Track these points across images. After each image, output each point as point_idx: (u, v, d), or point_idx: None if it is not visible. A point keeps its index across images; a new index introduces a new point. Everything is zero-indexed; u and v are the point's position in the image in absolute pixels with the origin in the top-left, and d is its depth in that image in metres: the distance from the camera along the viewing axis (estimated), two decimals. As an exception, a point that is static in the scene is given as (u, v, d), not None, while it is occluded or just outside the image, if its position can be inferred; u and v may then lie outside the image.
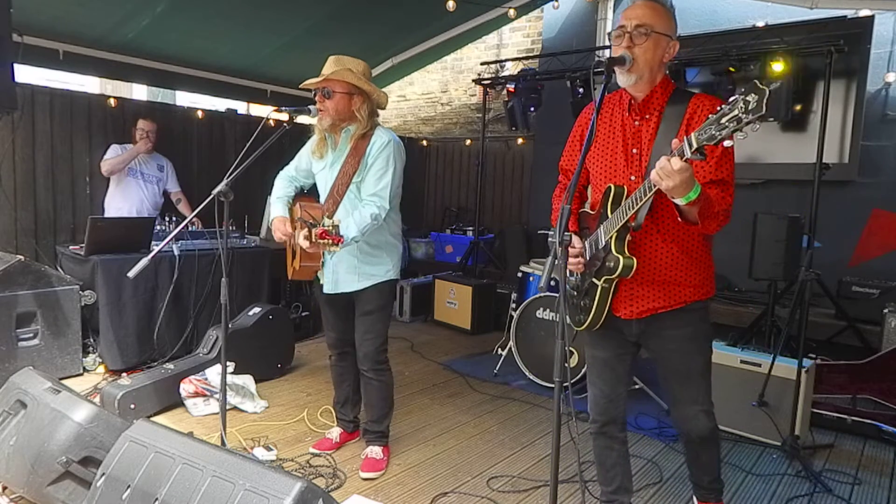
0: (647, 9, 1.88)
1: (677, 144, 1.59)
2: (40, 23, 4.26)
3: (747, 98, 1.43)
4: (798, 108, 4.61)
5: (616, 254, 1.87)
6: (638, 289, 1.96)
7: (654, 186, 1.66)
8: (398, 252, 2.80)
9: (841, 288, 4.48)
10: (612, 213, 1.89)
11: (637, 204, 1.78)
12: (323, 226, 2.30)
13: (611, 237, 1.88)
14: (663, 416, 3.52)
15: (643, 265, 1.91)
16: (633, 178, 1.94)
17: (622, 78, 1.89)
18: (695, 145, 1.54)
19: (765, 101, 1.40)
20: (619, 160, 1.97)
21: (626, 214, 1.82)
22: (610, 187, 1.92)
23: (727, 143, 1.49)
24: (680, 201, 1.65)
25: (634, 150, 1.94)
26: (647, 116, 1.93)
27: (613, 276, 1.89)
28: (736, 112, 1.45)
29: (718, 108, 1.50)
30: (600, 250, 1.94)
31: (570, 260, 1.99)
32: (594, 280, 1.97)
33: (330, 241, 2.29)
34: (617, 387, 2.13)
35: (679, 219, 1.78)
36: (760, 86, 1.42)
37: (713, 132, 1.50)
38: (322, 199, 2.73)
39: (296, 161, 2.86)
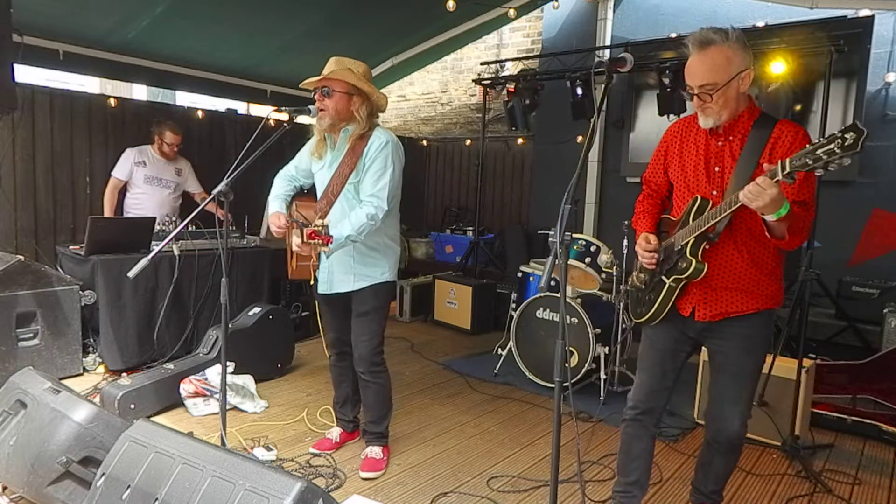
0: (704, 64, 1.88)
1: (769, 167, 1.68)
2: (40, 23, 4.26)
3: (845, 135, 1.53)
4: (798, 108, 4.62)
5: (690, 256, 1.96)
6: (712, 293, 2.02)
7: (738, 203, 1.76)
8: (395, 254, 2.79)
9: (841, 288, 4.48)
10: (693, 220, 1.97)
11: (720, 215, 1.88)
12: (314, 226, 2.31)
13: (688, 242, 1.97)
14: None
15: (718, 272, 1.99)
16: (714, 192, 2.01)
17: (701, 120, 1.97)
18: (787, 169, 1.63)
19: (861, 140, 1.50)
20: (700, 176, 2.04)
21: (708, 222, 1.91)
22: (696, 198, 2.01)
23: (818, 172, 1.61)
24: (771, 217, 1.74)
25: (717, 168, 2.01)
26: (731, 138, 1.99)
27: (683, 277, 1.99)
28: (832, 146, 1.55)
29: (819, 140, 1.59)
30: (675, 252, 2.02)
31: (644, 255, 2.10)
32: (663, 278, 2.05)
33: (319, 242, 2.30)
34: (664, 379, 2.17)
35: (767, 234, 1.86)
36: (860, 126, 1.51)
37: (807, 160, 1.59)
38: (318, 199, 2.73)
39: (296, 160, 2.85)
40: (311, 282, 2.76)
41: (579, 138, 6.11)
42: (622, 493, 2.25)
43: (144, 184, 4.55)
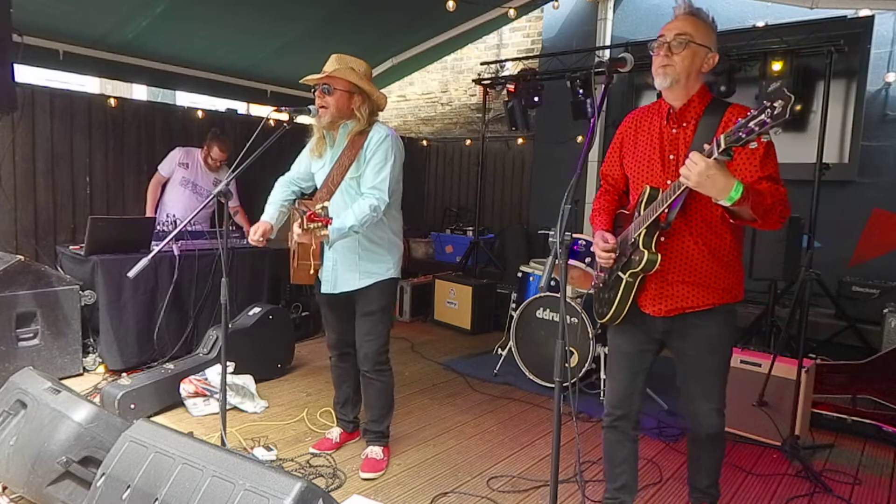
0: (687, 21, 1.94)
1: (706, 148, 1.68)
2: (40, 23, 4.26)
3: (774, 104, 1.52)
4: (798, 108, 4.61)
5: (643, 248, 1.93)
6: (668, 288, 2.01)
7: (682, 186, 1.75)
8: (399, 250, 2.79)
9: (841, 288, 4.48)
10: (644, 211, 1.95)
11: (668, 200, 1.84)
12: (313, 209, 2.30)
13: (640, 234, 1.94)
14: (663, 416, 3.52)
15: (674, 265, 1.97)
16: (669, 181, 1.98)
17: (658, 80, 1.96)
18: (723, 146, 1.64)
19: (789, 107, 1.50)
20: (655, 165, 2.03)
21: (657, 211, 1.88)
22: (646, 188, 1.98)
23: (752, 145, 1.60)
24: (724, 202, 1.71)
25: (671, 157, 2.00)
26: (685, 124, 1.99)
27: (637, 270, 1.95)
28: (762, 117, 1.54)
29: (748, 113, 1.59)
30: (629, 246, 2.00)
31: (602, 255, 2.06)
32: (619, 274, 2.02)
33: (319, 224, 2.28)
34: (636, 381, 2.16)
35: (731, 220, 1.84)
36: (787, 92, 1.51)
37: (740, 135, 1.59)
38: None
39: (296, 165, 2.85)
40: (312, 271, 2.70)
41: (579, 138, 6.11)
42: (611, 500, 2.25)
43: (179, 185, 4.59)
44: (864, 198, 4.74)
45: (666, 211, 1.88)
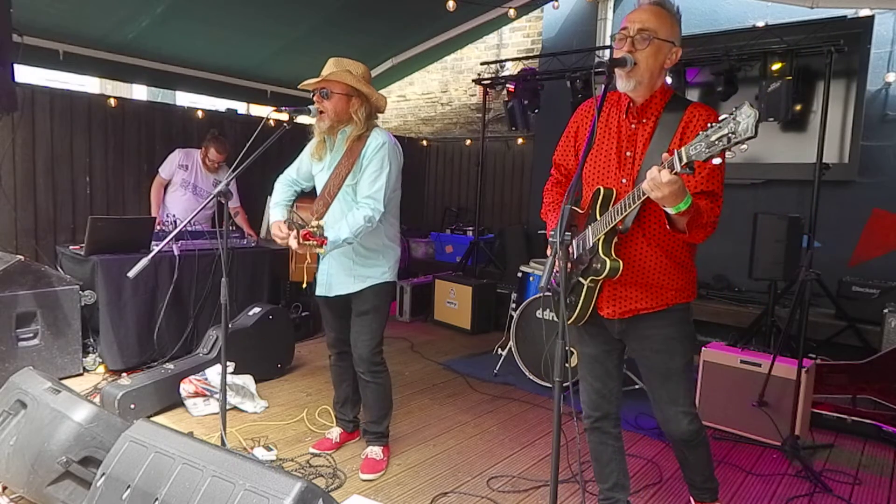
0: (651, 13, 1.85)
1: (667, 157, 1.60)
2: (40, 23, 4.26)
3: (738, 118, 1.44)
4: (798, 108, 4.61)
5: (603, 256, 1.88)
6: (621, 290, 1.98)
7: (644, 195, 1.69)
8: (395, 255, 2.79)
9: (841, 288, 4.48)
10: (600, 215, 1.90)
11: (626, 210, 1.80)
12: (309, 227, 2.31)
13: (598, 239, 1.89)
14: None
15: (627, 267, 1.93)
16: (624, 180, 1.94)
17: (621, 82, 1.89)
18: (685, 160, 1.54)
19: (754, 123, 1.41)
20: (611, 161, 1.98)
21: (615, 219, 1.84)
22: (599, 189, 1.93)
23: (716, 160, 1.50)
24: (671, 210, 1.68)
25: (628, 153, 1.95)
26: (644, 121, 1.93)
27: (599, 277, 1.91)
28: (725, 132, 1.46)
29: (709, 125, 1.50)
30: (587, 251, 1.96)
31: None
32: (580, 279, 1.98)
33: (314, 243, 2.31)
34: (608, 382, 2.15)
35: (667, 227, 1.80)
36: (751, 107, 1.42)
37: (702, 149, 1.51)
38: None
39: (297, 163, 2.86)
40: (304, 286, 2.76)
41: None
42: (605, 501, 2.25)
43: (180, 187, 4.63)
44: (864, 198, 4.74)
45: (624, 218, 1.84)
